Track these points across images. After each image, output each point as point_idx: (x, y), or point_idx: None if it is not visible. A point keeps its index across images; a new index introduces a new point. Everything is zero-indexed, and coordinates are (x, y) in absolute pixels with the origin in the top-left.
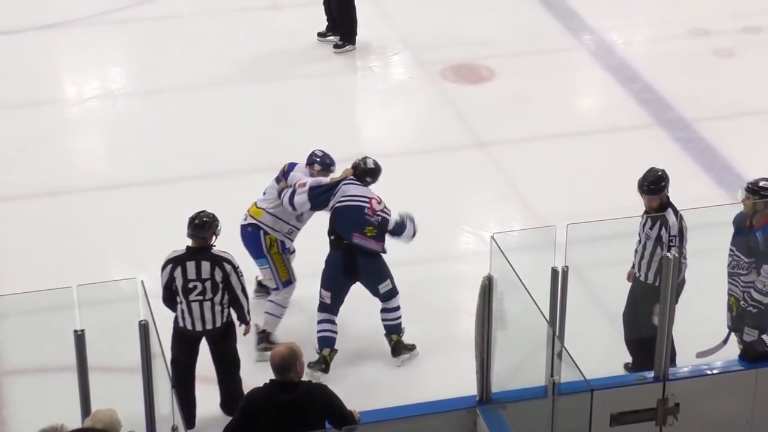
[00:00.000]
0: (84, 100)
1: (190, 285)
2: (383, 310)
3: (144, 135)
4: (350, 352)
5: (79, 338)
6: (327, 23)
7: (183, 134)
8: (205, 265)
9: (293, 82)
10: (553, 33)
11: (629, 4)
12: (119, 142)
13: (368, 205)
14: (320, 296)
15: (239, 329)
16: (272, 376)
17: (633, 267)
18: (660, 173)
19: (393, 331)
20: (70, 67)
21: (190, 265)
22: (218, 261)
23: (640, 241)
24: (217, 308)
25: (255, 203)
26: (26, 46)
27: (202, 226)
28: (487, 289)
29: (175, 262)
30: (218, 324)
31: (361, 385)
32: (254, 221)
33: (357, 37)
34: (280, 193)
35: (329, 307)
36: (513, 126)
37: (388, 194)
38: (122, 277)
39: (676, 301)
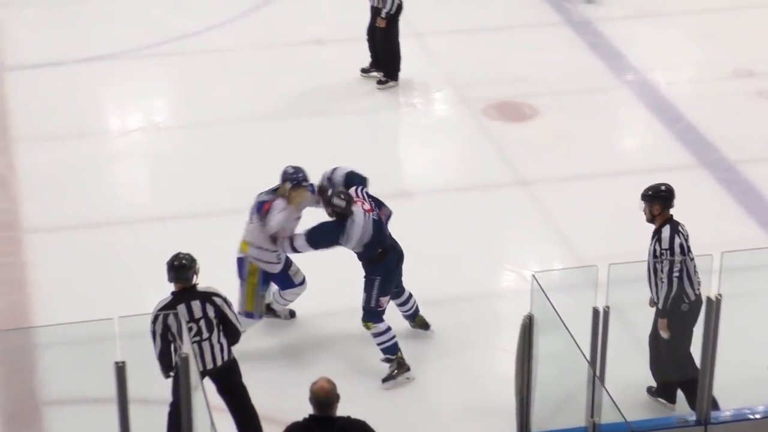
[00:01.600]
0: (128, 133)
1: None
2: (405, 302)
3: (187, 168)
4: (389, 392)
5: (120, 370)
6: (370, 59)
7: (226, 168)
8: (196, 305)
9: (336, 118)
10: (597, 72)
11: (673, 45)
12: (162, 175)
13: (372, 214)
14: (378, 305)
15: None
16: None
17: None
18: (663, 186)
19: (418, 311)
20: (115, 99)
21: (181, 309)
22: (207, 297)
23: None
24: (216, 347)
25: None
26: (71, 78)
27: (183, 267)
28: (528, 328)
29: (166, 310)
30: (219, 363)
31: (399, 423)
32: (242, 255)
33: (400, 74)
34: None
35: (384, 313)
36: (555, 164)
37: (429, 230)
38: None
39: (695, 323)
